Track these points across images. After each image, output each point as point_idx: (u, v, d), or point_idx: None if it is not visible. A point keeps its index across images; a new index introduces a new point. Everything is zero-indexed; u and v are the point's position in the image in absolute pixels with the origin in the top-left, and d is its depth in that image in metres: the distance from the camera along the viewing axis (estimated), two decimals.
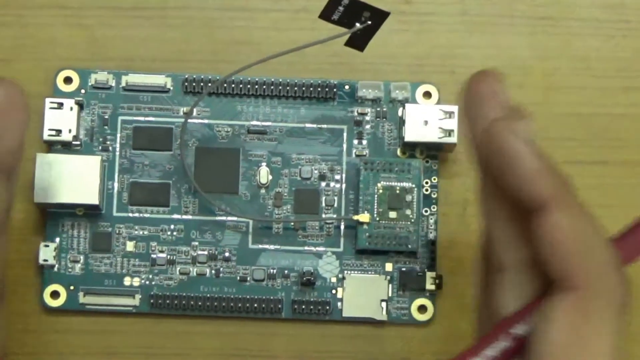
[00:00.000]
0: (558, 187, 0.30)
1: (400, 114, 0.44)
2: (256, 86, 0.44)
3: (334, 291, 0.44)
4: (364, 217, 0.43)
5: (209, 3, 0.45)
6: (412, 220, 0.43)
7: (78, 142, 0.44)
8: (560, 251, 0.29)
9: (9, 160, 0.34)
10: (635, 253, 0.32)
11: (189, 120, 0.44)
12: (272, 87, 0.44)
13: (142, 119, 0.44)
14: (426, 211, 0.44)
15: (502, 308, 0.31)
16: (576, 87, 0.45)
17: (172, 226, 0.44)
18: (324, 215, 0.44)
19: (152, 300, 0.43)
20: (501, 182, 0.30)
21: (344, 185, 0.44)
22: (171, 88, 0.44)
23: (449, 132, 0.43)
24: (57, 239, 0.43)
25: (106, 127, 0.44)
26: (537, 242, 0.30)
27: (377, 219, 0.43)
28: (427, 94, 0.44)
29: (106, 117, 0.44)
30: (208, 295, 0.43)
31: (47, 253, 0.43)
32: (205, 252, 0.44)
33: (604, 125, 0.45)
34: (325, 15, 0.40)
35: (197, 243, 0.44)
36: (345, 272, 0.44)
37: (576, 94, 0.45)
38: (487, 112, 0.31)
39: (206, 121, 0.44)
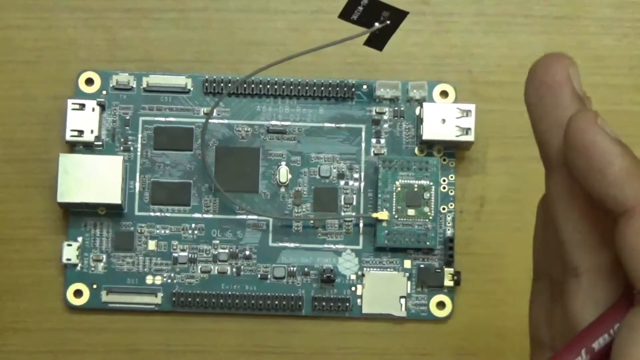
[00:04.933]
0: None
1: (417, 112, 0.45)
2: (275, 86, 0.45)
3: (353, 288, 0.44)
4: (382, 214, 0.43)
5: (229, 5, 0.46)
6: (430, 218, 0.43)
7: (100, 143, 0.44)
8: None
9: None
10: None
11: (209, 121, 0.44)
12: (291, 87, 0.45)
13: (162, 119, 0.45)
14: (444, 208, 0.44)
15: (578, 314, 0.29)
16: (591, 85, 0.45)
17: (193, 225, 0.44)
18: (343, 213, 0.44)
19: (173, 299, 0.44)
20: (585, 182, 0.28)
21: (362, 184, 0.44)
22: (191, 89, 0.45)
23: (466, 130, 0.43)
24: (80, 238, 0.44)
25: (127, 127, 0.45)
26: (619, 247, 0.27)
27: (396, 216, 0.43)
28: (444, 93, 0.45)
29: (127, 117, 0.45)
30: (229, 293, 0.44)
31: (70, 252, 0.43)
32: (226, 251, 0.44)
33: (619, 122, 0.45)
34: (345, 15, 0.40)
35: (218, 241, 0.44)
36: (365, 269, 0.44)
37: (591, 92, 0.45)
38: (563, 102, 0.28)
39: (226, 121, 0.45)
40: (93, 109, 0.44)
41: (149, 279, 0.44)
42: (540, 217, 0.32)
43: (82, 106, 0.44)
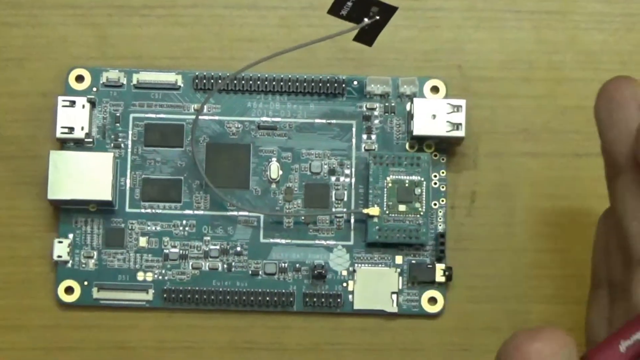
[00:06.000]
0: None
1: (408, 108, 0.45)
2: (266, 82, 0.45)
3: (344, 284, 0.44)
4: (373, 210, 0.43)
5: (218, 1, 0.46)
6: (422, 213, 0.43)
7: (90, 140, 0.44)
8: None
9: None
10: None
11: (200, 117, 0.44)
12: (281, 83, 0.45)
13: (153, 116, 0.45)
14: (435, 204, 0.44)
15: None
16: (581, 80, 0.46)
17: (184, 221, 0.44)
18: (334, 209, 0.44)
19: (165, 295, 0.44)
20: None
21: (353, 180, 0.44)
22: (182, 85, 0.45)
23: (457, 126, 0.43)
24: (71, 235, 0.44)
25: (118, 124, 0.44)
26: None
27: (387, 212, 0.43)
28: (435, 89, 0.45)
29: (118, 114, 0.45)
30: (220, 289, 0.44)
31: (61, 249, 0.43)
32: (217, 247, 0.44)
33: None
34: (334, 10, 0.40)
35: (209, 238, 0.44)
36: (356, 265, 0.44)
37: (581, 87, 0.46)
38: (630, 116, 0.33)
39: (217, 118, 0.45)
40: (83, 106, 0.44)
41: (140, 276, 0.44)
42: (602, 229, 0.36)
43: (73, 103, 0.44)
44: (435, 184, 0.44)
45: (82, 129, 0.44)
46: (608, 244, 0.36)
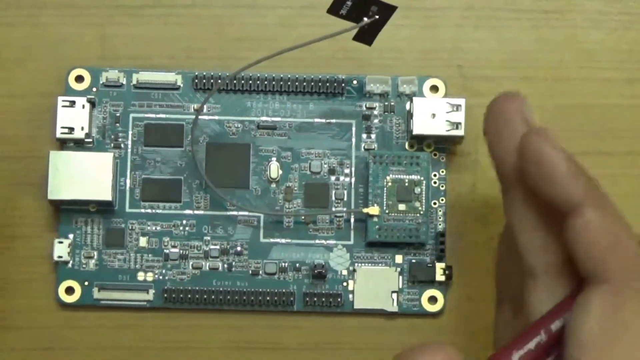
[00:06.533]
0: (590, 189, 0.32)
1: (408, 107, 0.45)
2: (265, 82, 0.45)
3: (345, 283, 0.44)
4: (373, 210, 0.43)
5: (217, 1, 0.46)
6: (421, 213, 0.43)
7: (90, 140, 0.44)
8: (593, 248, 0.31)
9: None
10: None
11: (200, 117, 0.44)
12: (281, 83, 0.45)
13: (153, 116, 0.45)
14: (435, 203, 0.44)
15: (537, 311, 0.33)
16: (580, 79, 0.46)
17: (184, 221, 0.44)
18: (334, 209, 0.44)
19: (165, 295, 0.44)
20: (537, 188, 0.33)
21: (353, 179, 0.45)
22: (181, 85, 0.45)
23: (457, 125, 0.43)
24: (71, 236, 0.44)
25: (118, 124, 0.45)
26: (570, 241, 0.32)
27: (387, 211, 0.43)
28: (434, 88, 0.45)
29: (118, 114, 0.45)
30: (220, 289, 0.44)
31: (61, 249, 0.43)
32: (217, 247, 0.44)
33: (609, 116, 0.46)
34: (334, 9, 0.40)
35: (209, 238, 0.44)
36: (356, 264, 0.44)
37: (580, 86, 0.46)
38: (516, 129, 0.34)
39: (216, 117, 0.45)
40: (83, 106, 0.44)
41: (140, 276, 0.44)
42: (502, 248, 0.38)
43: (72, 103, 0.44)
44: (435, 183, 0.44)
45: (82, 129, 0.44)
46: (506, 258, 0.37)
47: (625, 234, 0.32)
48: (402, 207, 0.44)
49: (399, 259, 0.44)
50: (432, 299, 0.44)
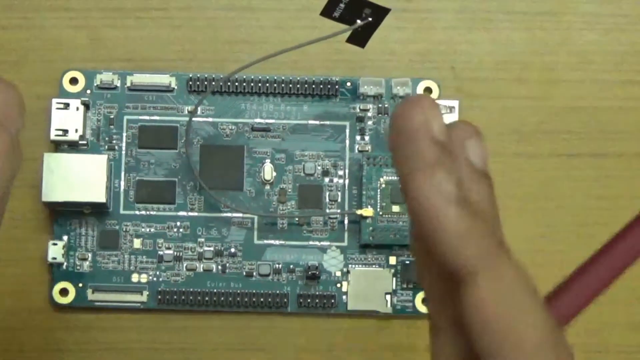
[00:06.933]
0: (484, 256, 0.26)
1: None
2: (259, 84, 0.45)
3: (338, 285, 0.44)
4: (367, 211, 0.44)
5: (212, 3, 0.46)
6: None
7: (84, 142, 0.44)
8: (485, 328, 0.25)
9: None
10: (572, 313, 0.28)
11: (194, 119, 0.44)
12: (275, 85, 0.45)
13: (147, 118, 0.45)
14: None
15: None
16: (574, 81, 0.46)
17: (178, 223, 0.44)
18: (327, 211, 0.44)
19: (159, 296, 0.44)
20: (426, 244, 0.26)
21: (347, 181, 0.45)
22: (175, 87, 0.45)
23: None
24: (65, 237, 0.44)
25: (112, 126, 0.45)
26: (463, 312, 0.26)
27: (381, 213, 0.44)
28: (428, 90, 0.45)
29: (112, 116, 0.45)
30: (215, 290, 0.44)
31: (55, 251, 0.44)
32: (212, 248, 0.44)
33: (603, 118, 0.46)
34: (327, 12, 0.40)
35: (203, 239, 0.44)
36: (350, 266, 0.44)
37: (574, 87, 0.46)
38: (421, 150, 0.26)
39: (210, 119, 0.45)
40: (77, 108, 0.44)
41: (134, 277, 0.44)
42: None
43: (67, 105, 0.44)
44: None
45: (76, 131, 0.44)
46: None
47: (525, 316, 0.26)
48: (395, 208, 0.44)
49: (392, 260, 0.44)
50: (426, 301, 0.44)
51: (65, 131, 0.44)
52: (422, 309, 0.44)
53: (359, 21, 0.41)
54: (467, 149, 0.27)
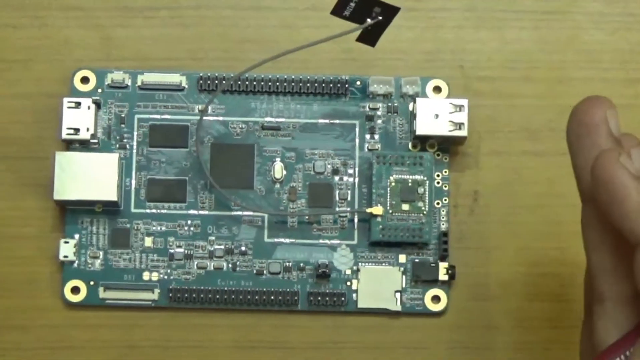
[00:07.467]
0: None
1: (411, 108, 0.45)
2: (269, 83, 0.45)
3: (348, 283, 0.44)
4: (377, 209, 0.44)
5: (222, 2, 0.46)
6: (425, 212, 0.44)
7: (96, 141, 0.44)
8: None
9: None
10: None
11: (204, 118, 0.45)
12: (284, 84, 0.45)
13: (158, 117, 0.45)
14: (438, 203, 0.45)
15: (602, 339, 0.31)
16: (582, 79, 0.46)
17: (189, 221, 0.44)
18: (337, 209, 0.45)
19: (170, 295, 0.44)
20: (607, 213, 0.30)
21: (357, 179, 0.45)
22: (186, 86, 0.45)
23: (459, 125, 0.44)
24: (77, 236, 0.44)
25: (123, 125, 0.45)
26: (637, 275, 0.29)
27: (390, 211, 0.44)
28: (437, 89, 0.45)
29: (123, 115, 0.45)
30: (225, 288, 0.44)
31: (67, 249, 0.44)
32: (222, 247, 0.44)
33: None
34: (337, 11, 0.40)
35: (213, 238, 0.44)
36: (360, 264, 0.44)
37: (582, 86, 0.46)
38: (598, 142, 0.31)
39: (221, 118, 0.45)
40: (88, 107, 0.44)
41: (145, 276, 0.44)
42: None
43: (78, 104, 0.44)
44: (438, 183, 0.45)
45: (88, 130, 0.44)
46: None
47: None
48: (405, 207, 0.44)
49: (402, 258, 0.44)
50: (436, 298, 0.44)
51: (77, 130, 0.44)
52: (432, 306, 0.44)
53: (369, 20, 0.41)
54: (633, 156, 0.31)
